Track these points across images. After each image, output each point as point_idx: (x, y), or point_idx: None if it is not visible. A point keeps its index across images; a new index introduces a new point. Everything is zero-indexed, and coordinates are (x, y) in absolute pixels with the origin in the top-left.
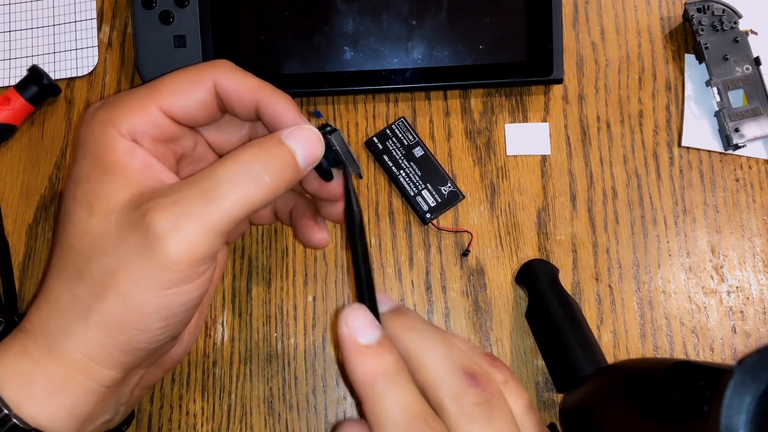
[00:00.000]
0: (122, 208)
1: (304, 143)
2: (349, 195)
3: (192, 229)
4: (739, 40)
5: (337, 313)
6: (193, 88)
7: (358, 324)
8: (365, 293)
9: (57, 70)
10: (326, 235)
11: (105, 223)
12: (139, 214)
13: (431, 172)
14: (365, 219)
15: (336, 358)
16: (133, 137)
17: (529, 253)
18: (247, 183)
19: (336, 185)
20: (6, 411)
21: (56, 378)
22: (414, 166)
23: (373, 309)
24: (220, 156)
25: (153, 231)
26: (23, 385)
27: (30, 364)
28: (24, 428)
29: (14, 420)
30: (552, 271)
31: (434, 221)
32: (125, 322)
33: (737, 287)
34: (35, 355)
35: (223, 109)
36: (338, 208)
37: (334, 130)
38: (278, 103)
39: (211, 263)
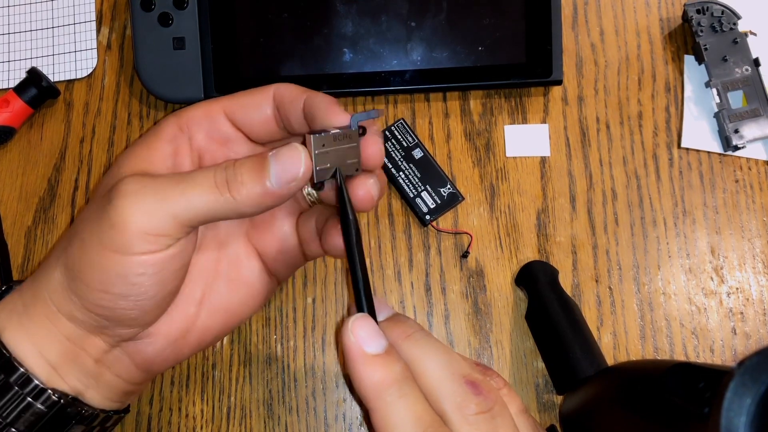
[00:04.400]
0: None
1: (278, 161)
2: (344, 202)
3: (149, 201)
4: (739, 41)
5: (340, 323)
6: (254, 95)
7: (364, 333)
8: (364, 302)
9: (56, 72)
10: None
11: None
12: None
13: (431, 173)
14: (364, 222)
15: (343, 373)
16: (189, 127)
17: (529, 254)
18: (211, 188)
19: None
20: None
21: (27, 305)
22: (413, 168)
23: (372, 318)
24: None
25: (117, 189)
26: (7, 312)
27: (18, 294)
28: (5, 354)
29: None
30: (552, 273)
31: (434, 223)
32: (77, 268)
33: (737, 288)
34: (24, 287)
35: (282, 127)
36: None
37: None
38: (316, 97)
39: (156, 246)
